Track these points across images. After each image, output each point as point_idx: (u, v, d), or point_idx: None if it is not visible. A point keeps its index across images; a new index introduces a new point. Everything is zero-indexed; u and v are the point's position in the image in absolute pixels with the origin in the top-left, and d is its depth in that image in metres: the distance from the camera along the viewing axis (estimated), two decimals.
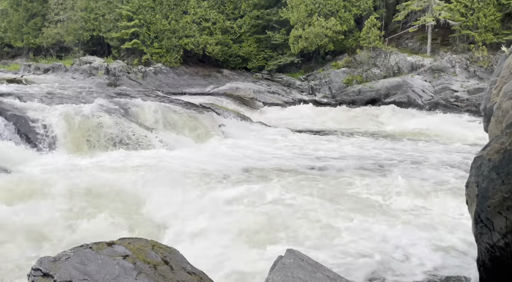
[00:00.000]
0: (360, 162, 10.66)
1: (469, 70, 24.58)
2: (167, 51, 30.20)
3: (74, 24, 32.84)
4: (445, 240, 5.73)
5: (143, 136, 12.01)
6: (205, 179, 8.61)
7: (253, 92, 25.92)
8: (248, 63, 31.63)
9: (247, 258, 4.99)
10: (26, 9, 36.16)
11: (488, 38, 24.56)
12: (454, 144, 13.65)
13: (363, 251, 5.31)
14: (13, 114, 11.00)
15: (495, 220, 3.30)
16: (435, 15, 25.84)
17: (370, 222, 6.34)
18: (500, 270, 3.41)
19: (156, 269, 3.14)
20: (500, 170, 3.24)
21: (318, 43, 27.66)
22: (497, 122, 4.03)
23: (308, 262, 3.10)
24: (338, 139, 14.92)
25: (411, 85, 24.40)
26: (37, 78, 26.63)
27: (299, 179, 8.88)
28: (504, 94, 3.98)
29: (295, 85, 28.82)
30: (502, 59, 4.82)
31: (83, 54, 32.91)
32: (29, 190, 6.99)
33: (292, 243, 5.30)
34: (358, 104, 24.76)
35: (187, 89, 27.24)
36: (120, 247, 3.30)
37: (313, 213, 6.49)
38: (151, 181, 8.02)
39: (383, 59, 27.29)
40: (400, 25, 29.44)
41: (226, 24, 31.12)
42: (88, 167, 9.49)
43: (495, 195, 3.26)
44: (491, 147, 3.40)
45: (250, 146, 12.82)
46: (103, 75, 27.56)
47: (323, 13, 27.99)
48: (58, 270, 2.88)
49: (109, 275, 2.92)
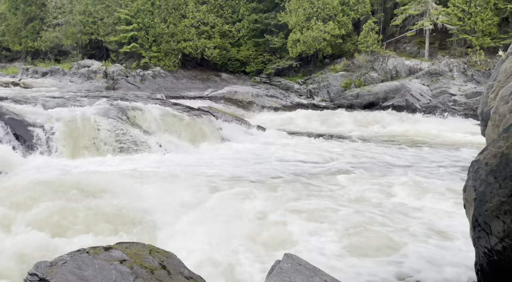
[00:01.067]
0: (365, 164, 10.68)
1: (466, 74, 24.68)
2: (166, 55, 30.24)
3: (72, 28, 32.87)
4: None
5: (141, 140, 11.99)
6: (201, 182, 8.59)
7: (251, 96, 25.97)
8: (247, 67, 31.70)
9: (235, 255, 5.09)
10: (25, 13, 36.19)
11: (486, 42, 24.67)
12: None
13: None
14: (10, 118, 10.97)
15: (492, 224, 3.30)
16: (432, 19, 25.97)
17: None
18: (498, 274, 3.41)
19: (153, 273, 3.13)
20: (498, 174, 3.25)
21: (316, 47, 27.74)
22: (494, 126, 4.04)
23: (305, 267, 3.09)
24: (338, 142, 14.92)
25: (409, 89, 24.48)
26: (35, 82, 26.64)
27: (296, 184, 8.87)
28: (501, 99, 3.99)
29: (294, 89, 28.87)
30: (499, 63, 4.84)
31: (82, 57, 32.92)
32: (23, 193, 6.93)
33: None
34: (356, 108, 24.82)
35: (185, 93, 27.27)
36: (117, 251, 3.29)
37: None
38: (146, 184, 8.00)
39: (381, 63, 27.38)
40: (398, 29, 29.57)
41: (225, 28, 31.21)
42: (84, 170, 9.46)
43: (492, 199, 3.27)
44: (488, 151, 3.40)
45: (248, 150, 12.81)
46: (101, 78, 27.55)
47: (321, 17, 28.09)
48: (54, 275, 2.87)
49: (106, 280, 2.91)
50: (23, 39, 36.26)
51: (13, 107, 11.68)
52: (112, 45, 31.71)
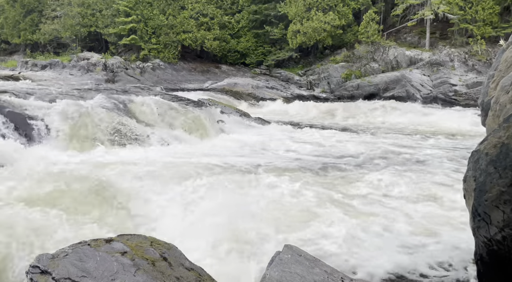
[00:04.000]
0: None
1: (467, 64, 24.57)
2: (165, 47, 30.11)
3: (71, 20, 32.68)
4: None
5: (140, 132, 12.00)
6: (201, 173, 8.62)
7: (251, 87, 25.91)
8: (247, 59, 31.57)
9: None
10: (23, 5, 35.97)
11: (487, 31, 24.53)
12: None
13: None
14: (10, 111, 10.97)
15: (492, 214, 3.31)
16: (433, 9, 25.78)
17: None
18: (498, 263, 3.43)
19: (154, 265, 3.15)
20: (498, 164, 3.25)
21: (317, 37, 27.60)
22: (495, 116, 4.03)
23: (305, 257, 3.11)
24: (338, 133, 14.92)
25: (409, 79, 24.39)
26: (34, 75, 26.57)
27: (298, 175, 8.90)
28: (501, 88, 3.98)
29: (294, 80, 28.79)
30: (499, 53, 4.81)
31: (81, 50, 32.77)
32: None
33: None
34: (357, 99, 24.77)
35: (185, 85, 27.21)
36: (119, 243, 3.30)
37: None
38: (145, 177, 8.02)
39: (381, 53, 27.26)
40: (398, 19, 29.38)
41: (224, 19, 31.02)
42: (84, 163, 9.49)
43: (492, 189, 3.27)
44: (489, 141, 3.40)
45: (249, 141, 12.82)
46: (101, 71, 27.48)
47: (321, 7, 27.90)
48: (56, 267, 2.89)
49: (107, 271, 2.93)
50: (21, 32, 36.09)
51: (13, 100, 11.66)
52: (111, 37, 31.56)
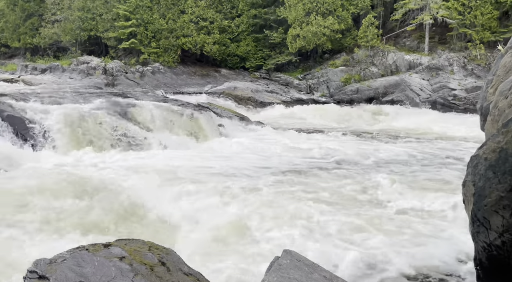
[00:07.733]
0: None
1: (466, 69, 24.61)
2: (165, 51, 30.14)
3: (71, 24, 32.71)
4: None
5: (140, 136, 11.99)
6: (201, 179, 8.61)
7: (251, 91, 25.92)
8: (246, 63, 31.60)
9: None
10: (23, 9, 36.01)
11: (486, 36, 24.59)
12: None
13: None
14: (10, 115, 10.97)
15: (491, 219, 3.31)
16: (432, 13, 25.85)
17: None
18: (497, 268, 3.42)
19: (152, 270, 3.14)
20: (497, 168, 3.25)
21: (316, 42, 27.65)
22: (493, 121, 4.03)
23: (304, 263, 3.09)
24: (339, 137, 14.91)
25: (409, 83, 24.43)
26: (34, 79, 26.58)
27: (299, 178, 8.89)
28: (500, 93, 3.98)
29: (293, 84, 28.81)
30: (498, 57, 4.82)
31: (81, 54, 32.77)
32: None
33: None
34: (356, 103, 24.80)
35: (185, 89, 27.21)
36: (117, 248, 3.29)
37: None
38: (144, 181, 8.02)
39: (381, 58, 27.30)
40: (397, 23, 29.44)
41: (224, 23, 31.08)
42: (84, 166, 9.48)
43: (491, 194, 3.27)
44: (488, 145, 3.40)
45: (248, 145, 12.81)
46: (100, 75, 27.48)
47: (320, 12, 27.98)
48: (54, 272, 2.87)
49: (105, 277, 2.92)
50: (21, 35, 36.10)
51: (12, 104, 11.66)
52: (111, 41, 31.58)
